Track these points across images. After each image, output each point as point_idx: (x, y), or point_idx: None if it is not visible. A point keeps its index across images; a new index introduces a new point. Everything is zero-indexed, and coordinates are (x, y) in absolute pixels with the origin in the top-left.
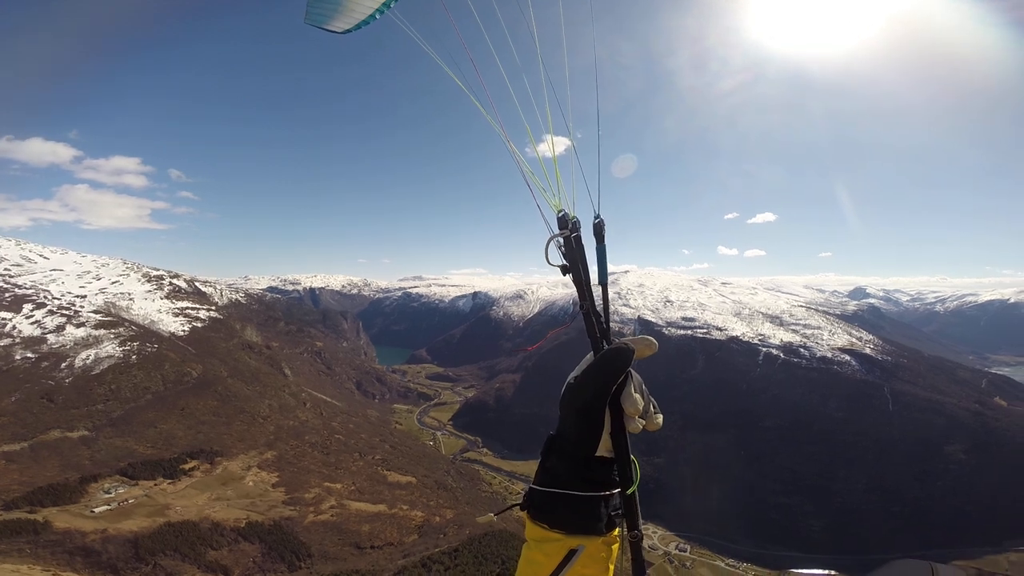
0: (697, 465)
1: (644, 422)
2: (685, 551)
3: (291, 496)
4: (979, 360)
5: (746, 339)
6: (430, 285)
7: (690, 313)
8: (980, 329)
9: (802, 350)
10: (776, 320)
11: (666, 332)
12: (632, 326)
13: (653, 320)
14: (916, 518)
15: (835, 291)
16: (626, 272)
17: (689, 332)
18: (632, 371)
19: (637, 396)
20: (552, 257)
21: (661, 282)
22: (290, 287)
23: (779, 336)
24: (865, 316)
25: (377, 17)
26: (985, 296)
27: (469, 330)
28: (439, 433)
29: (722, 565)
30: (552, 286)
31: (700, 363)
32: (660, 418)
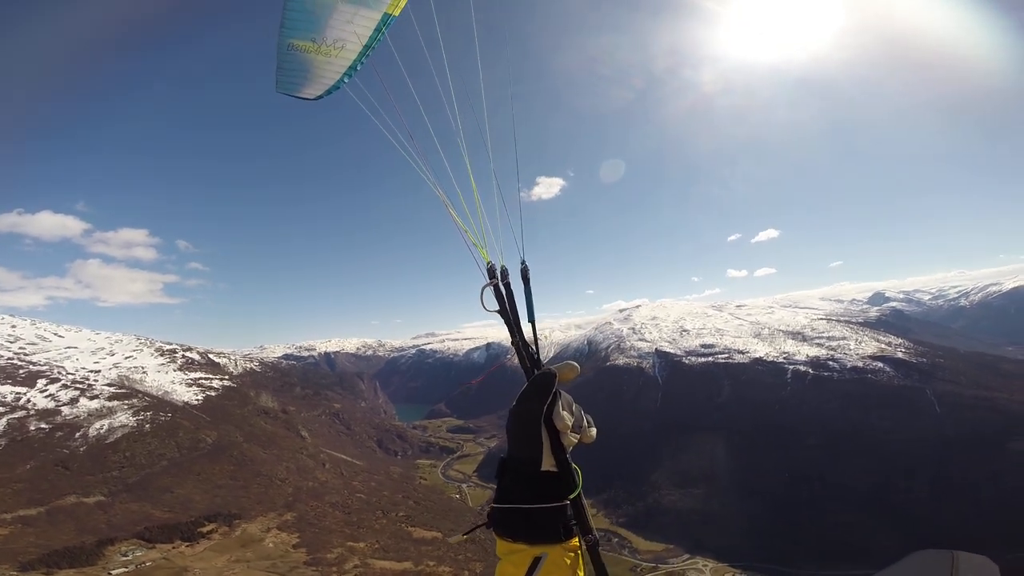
0: (741, 492)
1: (578, 436)
2: None
3: (312, 556)
4: (1018, 350)
5: (770, 359)
6: (443, 340)
7: (708, 340)
8: (1012, 318)
9: (831, 363)
10: (798, 336)
11: (687, 361)
12: (650, 360)
13: (671, 351)
14: (995, 520)
15: (854, 299)
16: (638, 307)
17: (710, 359)
18: (561, 392)
19: (565, 414)
20: (487, 303)
21: (675, 312)
22: (305, 353)
23: (804, 352)
24: (890, 320)
25: (346, 81)
26: (1009, 284)
27: (486, 380)
28: (464, 485)
29: None
30: (565, 329)
31: (726, 389)
32: (594, 431)
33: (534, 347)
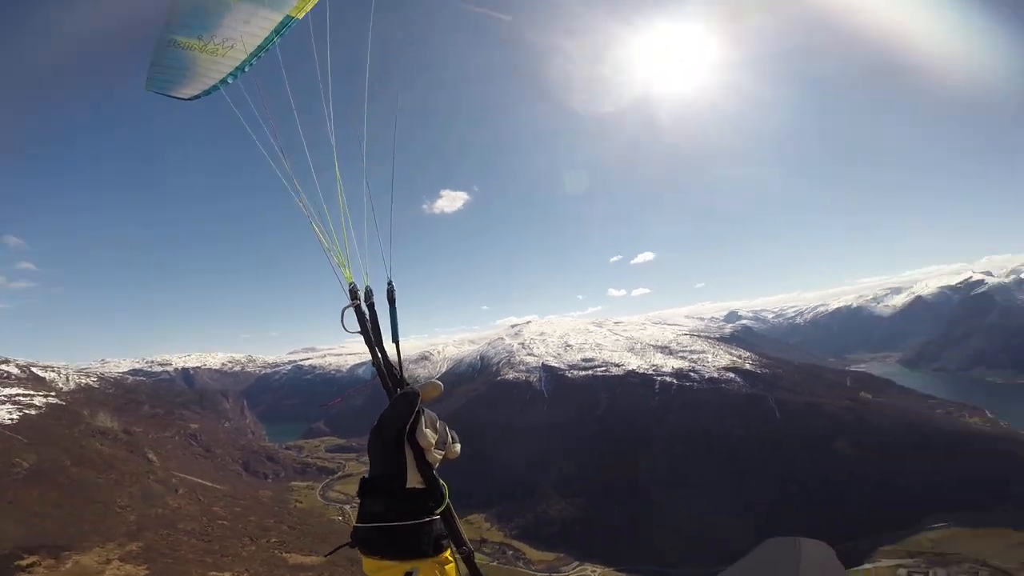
0: (620, 497)
1: (443, 453)
2: None
3: None
4: (839, 361)
5: (642, 371)
6: (324, 355)
7: (589, 354)
8: (834, 334)
9: (692, 374)
10: (666, 350)
11: (569, 375)
12: (538, 374)
13: (556, 365)
14: (832, 514)
15: (712, 317)
16: (528, 322)
17: (590, 372)
18: (424, 409)
19: (429, 432)
20: (347, 324)
21: (560, 328)
22: (158, 368)
23: (671, 364)
24: (740, 336)
25: (229, 82)
26: (833, 305)
27: (371, 397)
28: (348, 507)
29: None
30: (459, 344)
31: (603, 400)
32: (458, 447)
33: (398, 367)
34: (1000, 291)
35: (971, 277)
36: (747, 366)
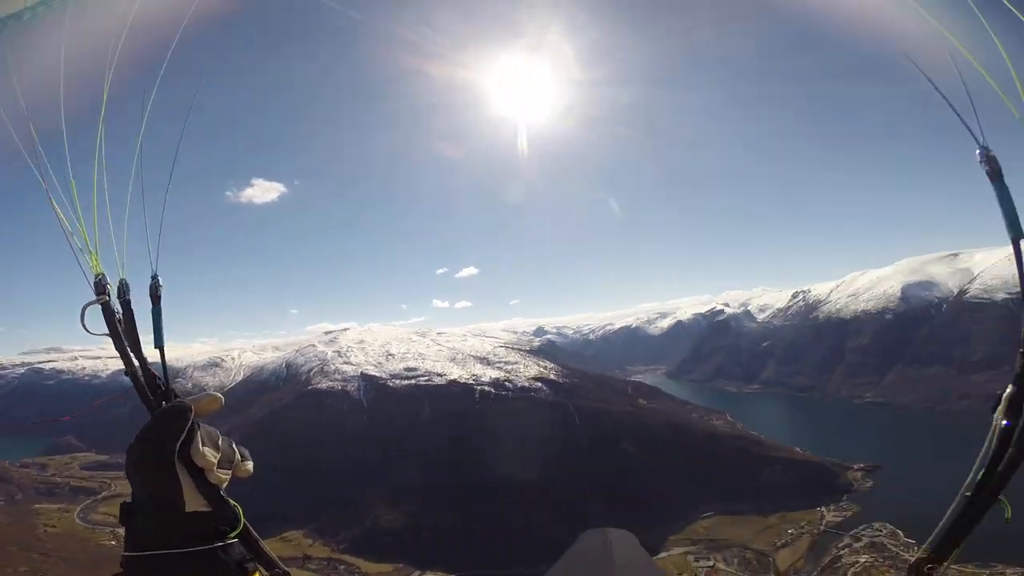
0: (449, 504)
1: (229, 473)
2: None
3: None
4: (622, 372)
5: (463, 380)
6: (76, 358)
7: (412, 364)
8: (618, 348)
9: (507, 383)
10: (484, 360)
11: (391, 384)
12: (356, 383)
13: (377, 375)
14: (627, 508)
15: (524, 331)
16: (345, 330)
17: (413, 381)
18: (202, 425)
19: (207, 450)
20: (89, 324)
21: (382, 337)
22: None
23: (489, 374)
24: (547, 349)
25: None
26: (618, 324)
27: (140, 409)
28: (120, 530)
29: None
30: (260, 350)
31: (427, 409)
32: (250, 464)
33: (163, 376)
34: (734, 319)
35: (715, 307)
36: (552, 376)
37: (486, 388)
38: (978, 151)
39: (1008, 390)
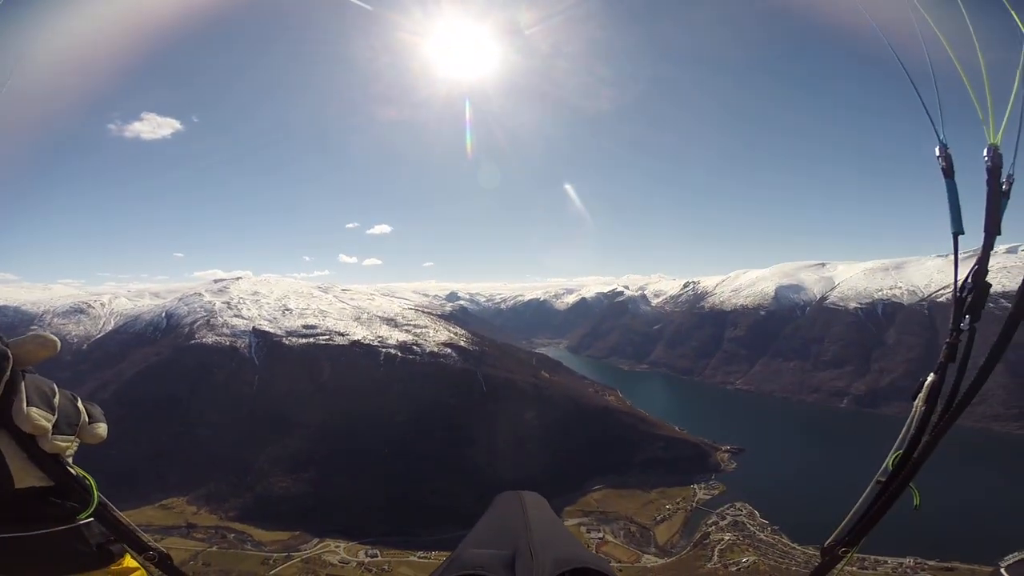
0: (351, 471)
1: (71, 439)
2: (376, 556)
3: None
4: (528, 343)
5: (367, 342)
6: None
7: (311, 321)
8: (526, 320)
9: (415, 347)
10: (392, 322)
11: (287, 342)
12: (247, 339)
13: (271, 330)
14: (528, 479)
15: (436, 295)
16: (238, 279)
17: (312, 340)
18: (28, 377)
19: (34, 411)
20: None
21: (279, 289)
22: None
23: (396, 336)
24: (458, 315)
25: None
26: (528, 296)
27: None
28: None
29: (415, 559)
30: (135, 296)
31: (327, 370)
32: (102, 428)
33: None
34: (631, 301)
35: (616, 288)
36: (462, 343)
37: (392, 351)
38: (938, 147)
39: (929, 378)
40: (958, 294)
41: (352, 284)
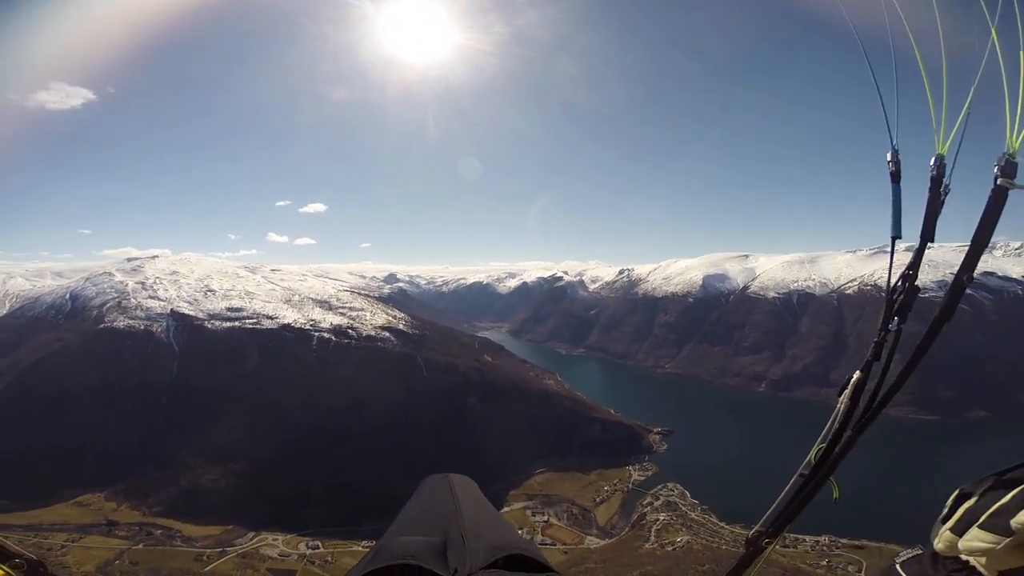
0: (286, 460)
1: None
2: (317, 548)
3: None
4: (470, 327)
5: (298, 325)
6: None
7: (237, 303)
8: (468, 304)
9: (351, 331)
10: (326, 305)
11: (210, 326)
12: (164, 322)
13: (192, 313)
14: (471, 464)
15: (374, 277)
16: (154, 257)
17: (237, 324)
18: None
19: None
20: None
21: (201, 269)
22: None
23: (329, 320)
24: (397, 298)
25: None
26: (470, 280)
27: None
28: None
29: (359, 548)
30: (35, 276)
31: (255, 355)
32: None
33: None
34: (570, 286)
35: (556, 273)
36: (401, 326)
37: (326, 335)
38: (890, 152)
39: (855, 375)
40: (890, 296)
41: (283, 264)
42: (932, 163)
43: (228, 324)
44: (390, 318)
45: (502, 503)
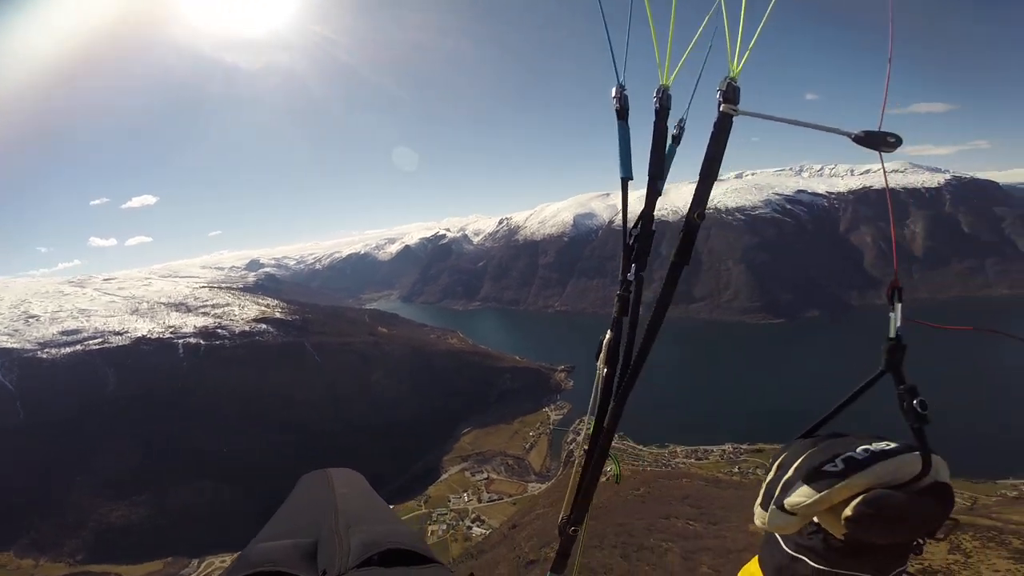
0: (195, 483)
1: None
2: None
3: None
4: (356, 301)
5: (155, 336)
6: None
7: (71, 324)
8: (348, 277)
9: (220, 331)
10: (183, 307)
11: (44, 355)
12: None
13: (16, 345)
14: (393, 441)
15: (233, 266)
16: None
17: (80, 347)
18: None
19: None
20: None
21: (12, 294)
22: None
23: (192, 323)
24: (265, 284)
25: None
26: (346, 251)
27: None
28: None
29: None
30: None
31: (112, 379)
32: None
33: None
34: (455, 242)
35: (438, 232)
36: (277, 314)
37: (192, 340)
38: (615, 88)
39: (606, 336)
40: (627, 243)
41: (118, 271)
42: (655, 95)
43: (68, 349)
44: (263, 308)
45: (439, 470)
